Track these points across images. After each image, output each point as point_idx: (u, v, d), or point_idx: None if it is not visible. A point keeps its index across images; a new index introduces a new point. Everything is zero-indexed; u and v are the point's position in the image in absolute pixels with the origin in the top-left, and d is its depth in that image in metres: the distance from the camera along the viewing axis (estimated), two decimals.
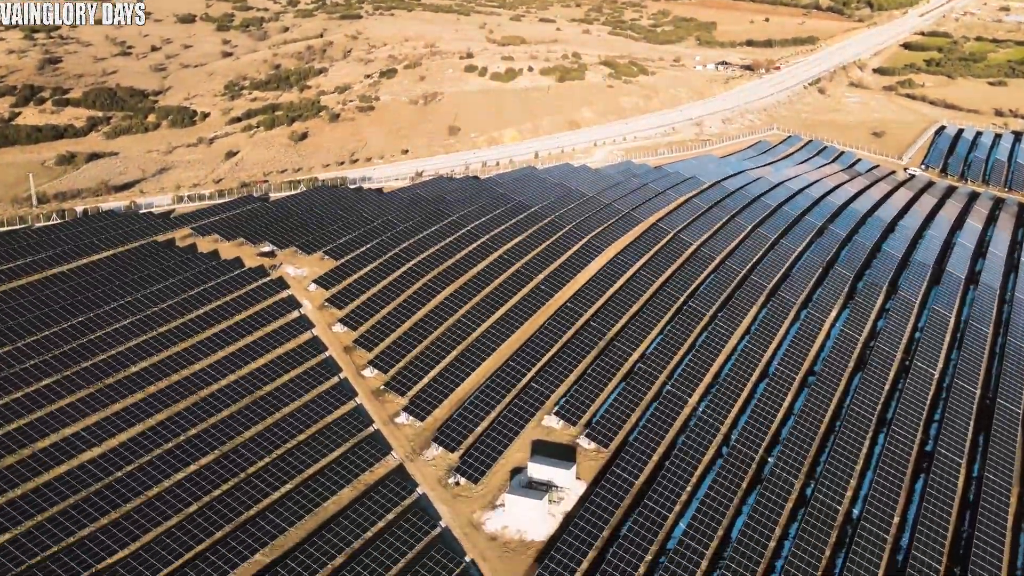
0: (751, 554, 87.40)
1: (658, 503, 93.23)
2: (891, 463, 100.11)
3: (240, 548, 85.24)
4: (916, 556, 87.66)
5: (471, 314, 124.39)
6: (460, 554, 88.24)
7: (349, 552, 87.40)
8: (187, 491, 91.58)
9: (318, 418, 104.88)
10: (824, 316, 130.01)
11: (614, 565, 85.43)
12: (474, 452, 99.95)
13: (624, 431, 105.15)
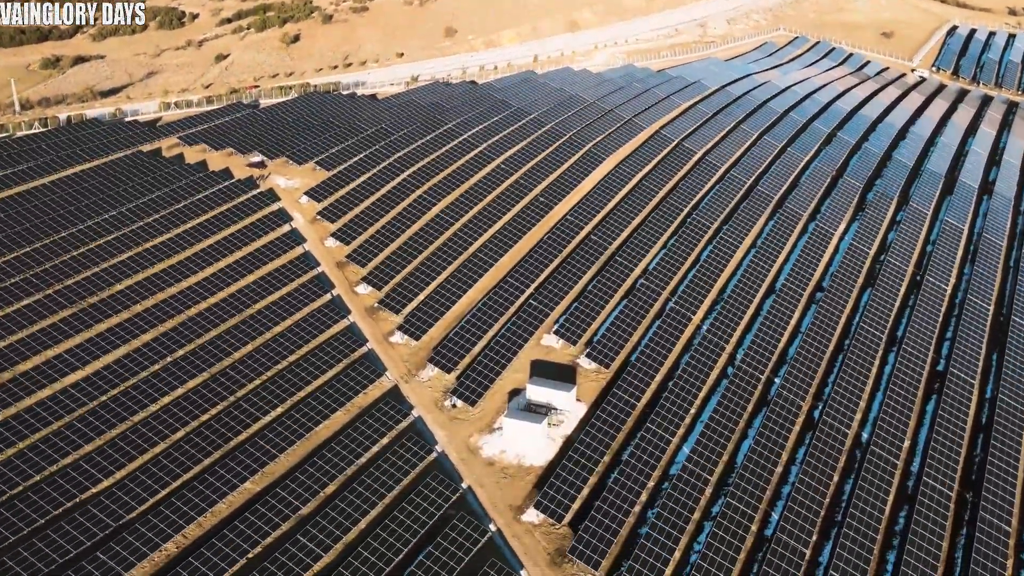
0: (757, 480, 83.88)
1: (661, 426, 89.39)
2: (901, 384, 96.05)
3: (229, 476, 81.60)
4: (927, 482, 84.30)
5: (468, 227, 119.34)
6: (456, 480, 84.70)
7: (342, 479, 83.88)
8: (174, 416, 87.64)
9: (310, 337, 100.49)
10: (833, 229, 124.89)
11: (615, 492, 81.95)
12: (471, 373, 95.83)
13: (626, 351, 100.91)
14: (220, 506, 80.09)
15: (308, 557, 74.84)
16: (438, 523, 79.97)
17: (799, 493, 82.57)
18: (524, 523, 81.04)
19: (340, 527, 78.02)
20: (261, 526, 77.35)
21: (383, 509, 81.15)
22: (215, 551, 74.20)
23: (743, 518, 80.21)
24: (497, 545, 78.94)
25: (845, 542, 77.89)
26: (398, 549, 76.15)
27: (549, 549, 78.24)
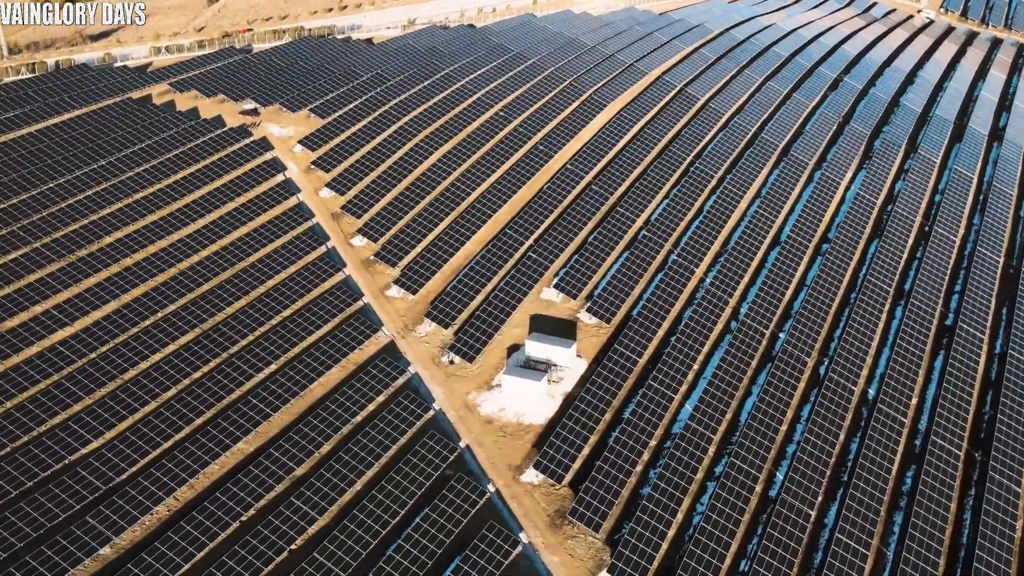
0: (761, 439, 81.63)
1: (663, 383, 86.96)
2: (909, 339, 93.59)
3: (221, 436, 79.44)
4: (935, 441, 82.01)
5: (465, 177, 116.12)
6: (454, 439, 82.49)
7: (337, 439, 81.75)
8: (165, 374, 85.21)
9: (304, 292, 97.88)
10: (839, 178, 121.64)
11: (616, 452, 79.71)
12: (469, 328, 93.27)
13: (627, 305, 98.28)
14: (212, 467, 77.95)
15: (303, 520, 72.83)
16: (436, 484, 77.91)
17: (804, 452, 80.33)
18: (523, 484, 79.00)
19: (335, 488, 75.95)
20: (254, 488, 75.17)
21: (379, 469, 79.09)
22: (207, 514, 72.17)
23: (747, 478, 78.08)
24: (496, 506, 76.91)
25: (851, 503, 75.83)
26: (395, 511, 74.13)
27: (549, 510, 76.22)
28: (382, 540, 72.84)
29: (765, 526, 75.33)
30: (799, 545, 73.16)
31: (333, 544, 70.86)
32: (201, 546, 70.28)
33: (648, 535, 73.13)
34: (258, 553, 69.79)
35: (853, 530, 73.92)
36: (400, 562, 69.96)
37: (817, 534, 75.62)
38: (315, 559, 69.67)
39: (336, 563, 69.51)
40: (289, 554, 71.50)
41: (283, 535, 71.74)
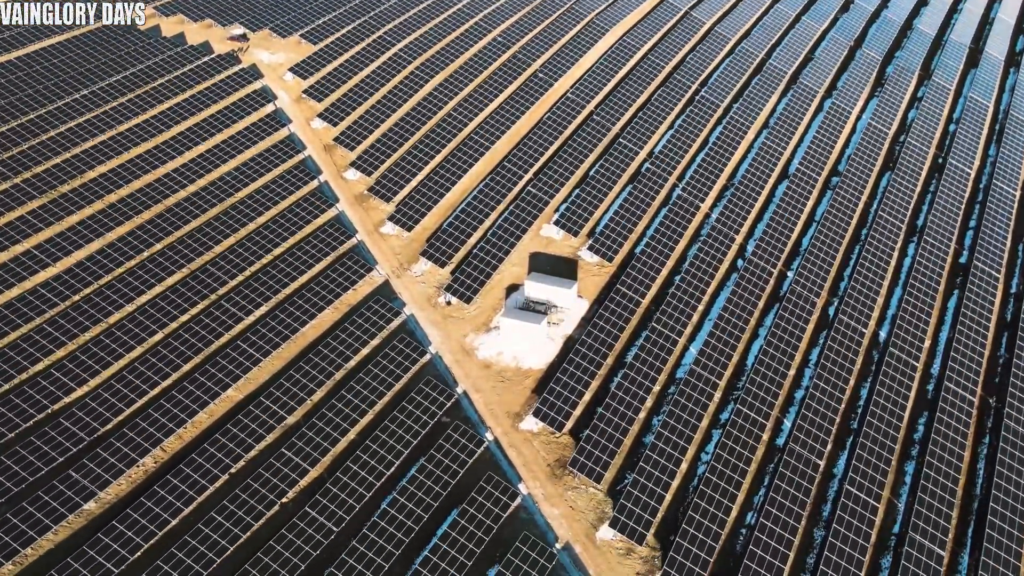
0: (768, 384, 78.45)
1: (667, 326, 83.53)
2: (922, 278, 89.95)
3: (210, 384, 76.23)
4: (948, 386, 78.89)
5: (463, 107, 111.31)
6: (451, 385, 79.36)
7: (331, 385, 78.56)
8: (151, 318, 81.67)
9: (296, 229, 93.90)
10: (849, 107, 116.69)
11: (618, 399, 76.59)
12: (466, 268, 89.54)
13: (630, 242, 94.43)
14: (201, 416, 74.90)
15: (294, 472, 69.92)
16: (432, 432, 75.07)
17: (812, 399, 77.24)
18: (522, 432, 75.98)
19: (328, 439, 72.93)
20: (244, 438, 72.16)
21: (374, 417, 76.19)
22: (195, 467, 69.35)
23: (753, 426, 75.04)
24: (494, 456, 74.07)
25: (861, 452, 72.91)
26: (389, 462, 71.24)
27: (549, 460, 73.32)
28: (376, 492, 70.22)
29: (772, 476, 72.52)
30: (807, 497, 70.40)
31: (325, 498, 68.07)
32: (189, 500, 67.48)
33: (651, 486, 70.31)
34: (248, 508, 67.05)
35: (863, 481, 71.09)
36: (395, 516, 67.19)
37: (826, 485, 72.83)
38: (307, 513, 66.96)
39: (329, 517, 66.76)
40: (280, 507, 68.71)
41: (274, 488, 68.93)
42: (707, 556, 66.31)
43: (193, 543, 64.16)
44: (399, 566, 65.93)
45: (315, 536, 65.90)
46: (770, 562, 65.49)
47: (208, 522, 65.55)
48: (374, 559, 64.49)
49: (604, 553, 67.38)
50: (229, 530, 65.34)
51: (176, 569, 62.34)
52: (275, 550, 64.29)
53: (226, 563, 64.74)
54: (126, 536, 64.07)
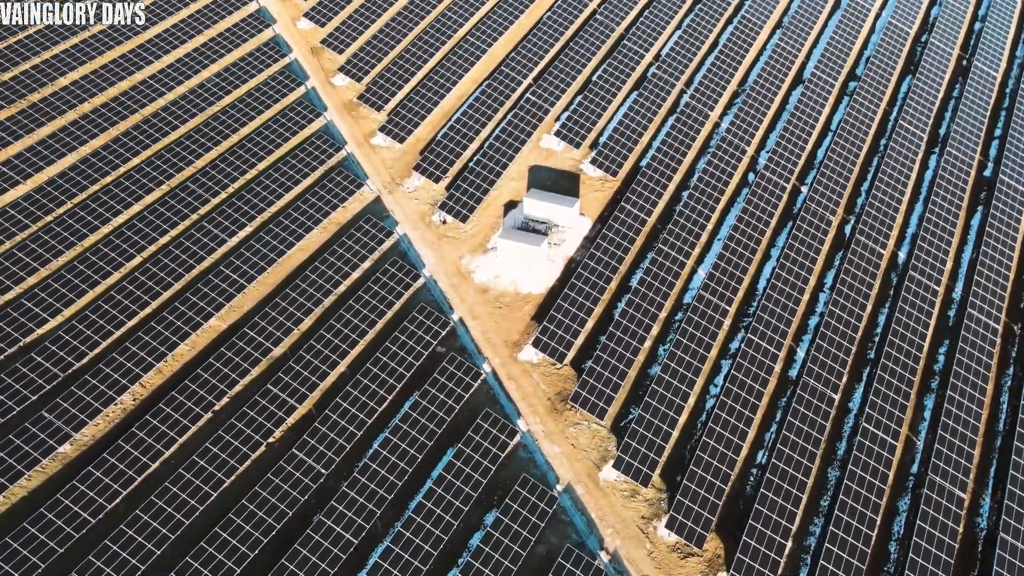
0: (780, 311, 73.98)
1: (674, 247, 78.46)
2: (944, 193, 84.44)
3: (191, 313, 71.45)
4: (971, 313, 74.31)
5: (457, 5, 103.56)
6: (446, 312, 74.68)
7: (319, 312, 73.87)
8: (128, 241, 76.57)
9: (281, 140, 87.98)
10: (869, 4, 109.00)
11: (623, 327, 71.95)
12: (462, 184, 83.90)
13: (635, 154, 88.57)
14: (182, 349, 70.35)
15: (280, 409, 65.75)
16: (426, 364, 70.91)
17: (827, 327, 72.61)
18: (521, 363, 71.54)
19: (317, 372, 68.51)
20: (228, 373, 67.75)
21: (365, 348, 72.00)
22: (176, 405, 65.28)
23: (765, 356, 70.54)
24: (492, 390, 69.74)
25: (879, 386, 68.59)
26: (381, 397, 66.94)
27: (549, 393, 69.03)
28: (368, 431, 66.02)
29: (785, 412, 68.39)
30: (821, 435, 66.27)
31: (314, 438, 64.04)
32: (170, 443, 63.43)
33: (657, 423, 66.09)
34: (232, 450, 63.11)
35: (881, 417, 66.91)
36: (387, 458, 63.31)
37: (841, 421, 68.68)
38: (294, 456, 63.08)
39: (317, 459, 62.84)
40: (267, 448, 64.65)
41: (259, 428, 64.87)
42: (716, 499, 62.54)
43: (174, 490, 60.24)
44: (392, 511, 62.16)
45: (303, 480, 61.98)
46: (782, 506, 61.71)
47: (190, 467, 61.54)
48: (365, 504, 60.73)
49: (608, 495, 63.58)
50: (212, 475, 61.40)
51: (156, 518, 58.67)
52: (260, 496, 60.43)
53: (209, 510, 61.19)
54: (103, 483, 60.17)
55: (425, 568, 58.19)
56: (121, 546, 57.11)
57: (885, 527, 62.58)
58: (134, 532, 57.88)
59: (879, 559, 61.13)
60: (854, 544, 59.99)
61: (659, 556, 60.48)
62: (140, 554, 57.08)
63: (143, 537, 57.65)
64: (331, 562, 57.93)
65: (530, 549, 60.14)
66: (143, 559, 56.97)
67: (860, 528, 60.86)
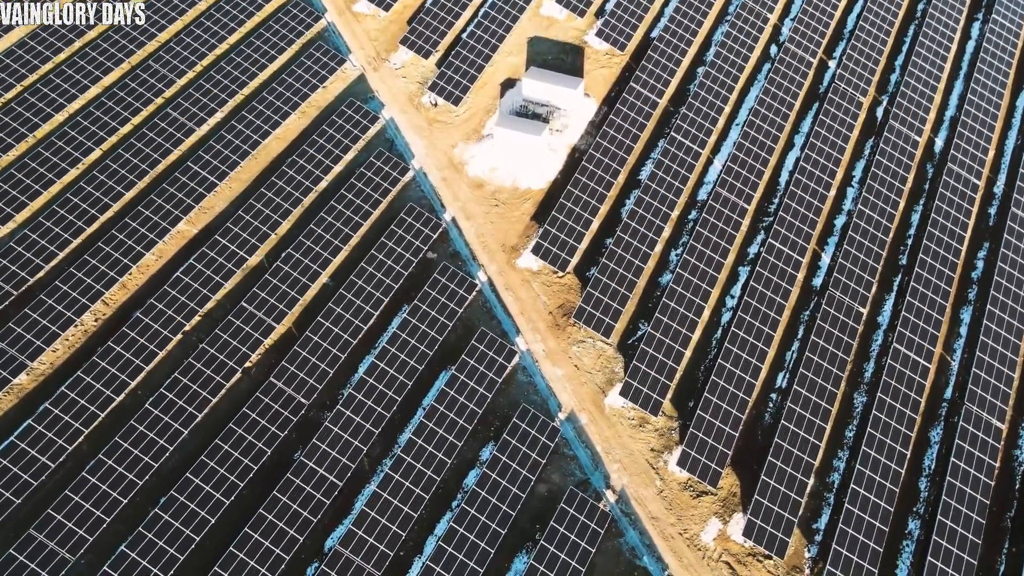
0: (804, 209, 67.31)
1: (688, 134, 70.69)
2: (988, 68, 76.46)
3: (157, 217, 64.59)
4: (1015, 213, 67.08)
5: None
6: (438, 210, 67.47)
7: (298, 214, 67.17)
8: (85, 131, 69.20)
9: (254, 9, 78.68)
10: None
11: (631, 229, 65.34)
12: (453, 60, 75.20)
13: (645, 23, 79.71)
14: (148, 259, 63.71)
15: (258, 330, 59.65)
16: (416, 273, 63.93)
17: (856, 229, 65.65)
18: (520, 270, 64.63)
19: (297, 286, 62.12)
20: (199, 288, 61.46)
21: (349, 254, 65.67)
22: (142, 329, 59.67)
23: (787, 263, 63.71)
24: (487, 302, 63.08)
25: (911, 299, 62.87)
26: (367, 314, 60.59)
27: (551, 306, 62.38)
28: (353, 353, 59.91)
29: (808, 329, 62.00)
30: (848, 354, 60.09)
31: (294, 363, 58.45)
32: (135, 372, 57.93)
33: (668, 342, 59.74)
34: (204, 380, 57.32)
35: (913, 335, 60.62)
36: (374, 386, 57.57)
37: (869, 338, 62.36)
38: (272, 385, 57.27)
39: (298, 388, 57.35)
40: (243, 375, 58.55)
41: (234, 352, 59.36)
42: (731, 430, 56.78)
43: (141, 429, 54.27)
44: (380, 445, 56.53)
45: (282, 412, 56.07)
46: (804, 438, 55.96)
47: (158, 401, 55.51)
48: (351, 441, 55.04)
49: (614, 425, 57.74)
50: (183, 409, 55.44)
51: (122, 463, 53.11)
52: (236, 434, 54.69)
53: (180, 450, 55.66)
54: (63, 421, 54.19)
55: (416, 514, 52.86)
56: (83, 496, 51.58)
57: (915, 460, 57.03)
58: (97, 479, 52.41)
59: (908, 498, 55.69)
60: (881, 483, 54.49)
61: (670, 495, 55.11)
62: (103, 505, 51.59)
63: (107, 485, 52.23)
64: (313, 509, 52.83)
65: (530, 490, 54.75)
66: (107, 510, 51.45)
67: (889, 464, 55.33)
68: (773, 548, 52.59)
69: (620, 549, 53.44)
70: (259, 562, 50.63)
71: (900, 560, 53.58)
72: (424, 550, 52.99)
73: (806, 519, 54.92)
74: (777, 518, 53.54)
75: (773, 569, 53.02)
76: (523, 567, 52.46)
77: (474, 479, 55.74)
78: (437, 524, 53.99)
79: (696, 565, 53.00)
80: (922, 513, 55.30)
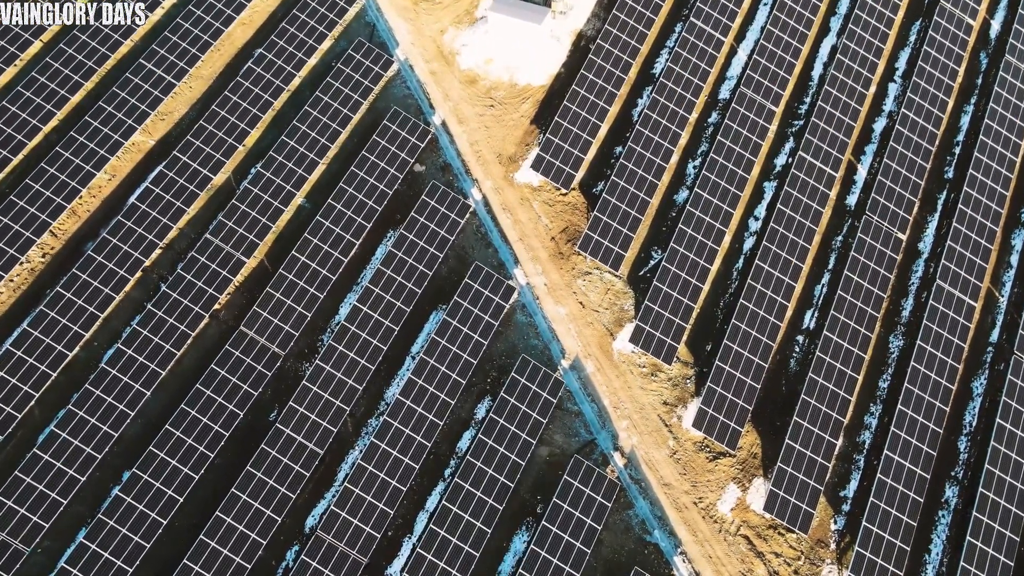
0: (840, 113, 60.40)
1: (709, 18, 63.11)
2: None
3: (107, 129, 56.61)
4: None
5: None
6: (426, 112, 59.18)
7: (267, 120, 61.50)
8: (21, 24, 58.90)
9: None
10: None
11: (643, 139, 58.50)
12: None
13: None
14: (100, 180, 56.90)
15: (225, 267, 52.75)
16: (402, 191, 57.00)
17: (898, 139, 58.61)
18: (518, 187, 57.07)
19: (268, 211, 55.12)
20: (157, 218, 54.01)
21: (327, 167, 59.23)
22: (94, 269, 53.05)
23: (819, 180, 56.98)
24: (483, 226, 55.91)
25: (958, 225, 55.01)
26: (348, 244, 54.83)
27: (553, 230, 55.33)
28: (332, 292, 54.18)
29: (841, 261, 54.80)
30: (885, 290, 53.82)
31: (267, 307, 52.57)
32: (90, 321, 51.35)
33: (684, 276, 53.08)
34: (167, 330, 50.42)
35: (958, 269, 53.60)
36: (356, 334, 51.70)
37: (908, 268, 55.06)
38: (243, 335, 50.83)
39: (272, 337, 51.67)
40: (211, 320, 52.02)
41: (200, 295, 52.61)
42: (753, 381, 50.78)
43: (97, 393, 48.78)
44: (364, 405, 50.97)
45: (255, 367, 50.53)
46: (833, 392, 49.83)
47: (116, 358, 49.09)
48: (332, 401, 49.50)
49: (623, 373, 51.52)
50: (144, 367, 49.68)
51: (78, 434, 48.47)
52: (203, 396, 49.23)
53: (142, 415, 50.71)
54: (10, 385, 47.86)
55: (405, 488, 47.21)
56: (35, 476, 45.98)
57: (955, 415, 50.81)
58: (50, 456, 46.80)
59: (947, 459, 49.85)
60: (918, 447, 48.68)
61: (684, 457, 49.40)
62: (59, 486, 46.04)
63: (62, 462, 46.72)
64: (292, 484, 47.69)
65: (530, 455, 48.85)
66: (63, 491, 45.82)
67: (927, 425, 49.36)
68: (796, 522, 47.23)
69: (629, 523, 48.08)
70: (233, 549, 45.27)
71: (934, 533, 48.36)
72: (415, 528, 47.63)
73: (832, 484, 49.24)
74: (801, 488, 47.93)
75: (796, 543, 47.82)
76: (522, 546, 47.17)
77: (468, 443, 49.74)
78: (428, 498, 48.37)
79: (711, 540, 47.75)
80: (960, 478, 49.55)
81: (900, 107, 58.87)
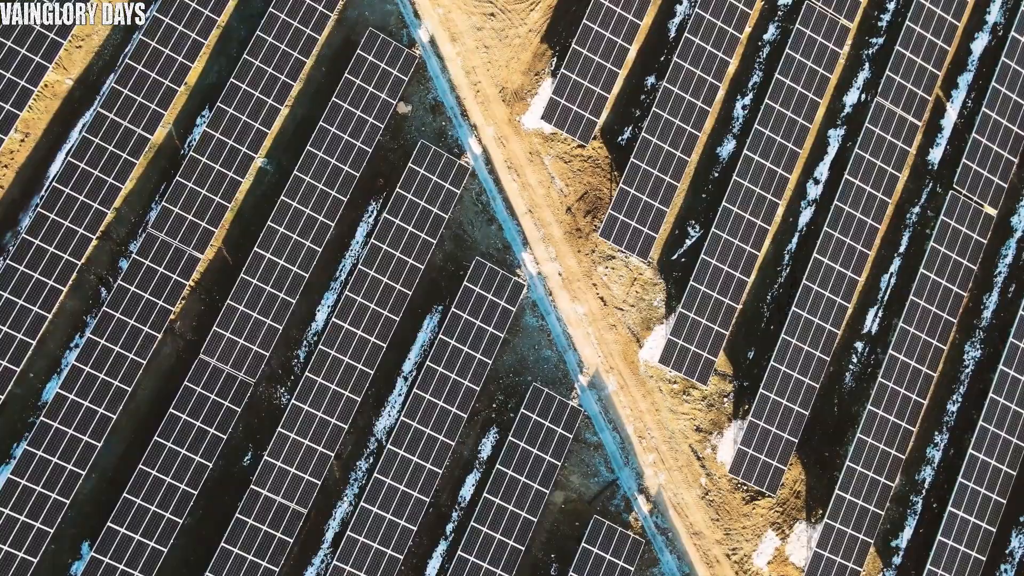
0: (932, 35, 45.77)
1: None
2: None
3: (10, 75, 44.13)
4: None
5: None
6: (410, 26, 47.75)
7: (206, 53, 47.12)
8: None
9: None
10: None
11: (685, 75, 46.38)
12: None
13: None
14: (11, 142, 44.69)
15: (175, 269, 44.25)
16: (384, 142, 47.22)
17: (1003, 72, 45.06)
18: (527, 135, 46.07)
19: (222, 184, 45.73)
20: (87, 203, 44.59)
21: (289, 113, 47.90)
22: (19, 282, 42.74)
23: (898, 132, 45.38)
24: (484, 192, 45.99)
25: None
26: (322, 227, 46.11)
27: (568, 199, 46.00)
28: (306, 291, 45.54)
29: (918, 242, 44.62)
30: (965, 287, 44.73)
31: (229, 327, 43.27)
32: (19, 353, 41.90)
33: (727, 269, 44.36)
34: (113, 363, 42.07)
35: None
36: (337, 359, 43.84)
37: (996, 253, 45.13)
38: (204, 364, 43.24)
39: (238, 363, 43.44)
40: (166, 335, 43.40)
41: (150, 311, 42.85)
42: (802, 408, 43.00)
43: (40, 454, 40.95)
44: (351, 444, 43.50)
45: (222, 403, 42.40)
46: (894, 424, 42.39)
47: (55, 409, 41.00)
48: (313, 448, 42.32)
49: (650, 392, 43.81)
50: (91, 412, 41.38)
51: (22, 508, 40.73)
52: (164, 450, 42.03)
53: (96, 472, 42.89)
54: None
55: (401, 555, 40.92)
56: None
57: None
58: None
59: (1013, 502, 43.16)
60: (987, 496, 41.69)
61: (717, 499, 42.80)
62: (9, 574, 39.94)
63: (8, 544, 39.68)
64: (273, 556, 42.05)
65: (543, 507, 41.99)
66: None
67: (999, 468, 42.06)
68: None
69: None
70: None
71: None
72: None
73: (884, 532, 42.55)
74: (849, 543, 41.75)
75: None
76: None
77: (471, 490, 42.59)
78: (429, 562, 41.87)
79: None
80: None
81: (1003, 17, 45.08)
